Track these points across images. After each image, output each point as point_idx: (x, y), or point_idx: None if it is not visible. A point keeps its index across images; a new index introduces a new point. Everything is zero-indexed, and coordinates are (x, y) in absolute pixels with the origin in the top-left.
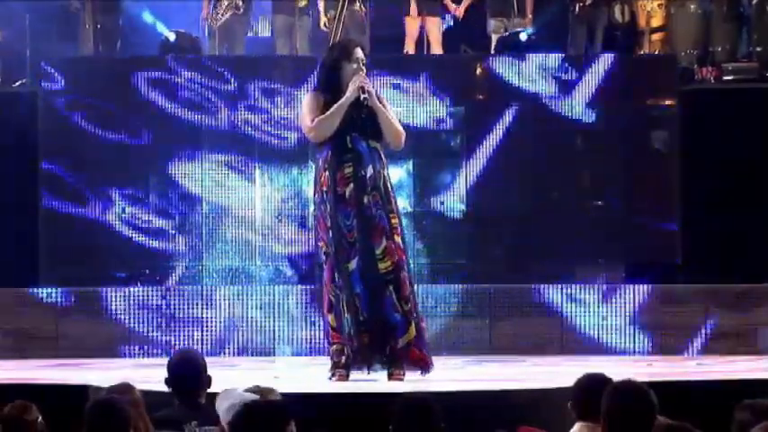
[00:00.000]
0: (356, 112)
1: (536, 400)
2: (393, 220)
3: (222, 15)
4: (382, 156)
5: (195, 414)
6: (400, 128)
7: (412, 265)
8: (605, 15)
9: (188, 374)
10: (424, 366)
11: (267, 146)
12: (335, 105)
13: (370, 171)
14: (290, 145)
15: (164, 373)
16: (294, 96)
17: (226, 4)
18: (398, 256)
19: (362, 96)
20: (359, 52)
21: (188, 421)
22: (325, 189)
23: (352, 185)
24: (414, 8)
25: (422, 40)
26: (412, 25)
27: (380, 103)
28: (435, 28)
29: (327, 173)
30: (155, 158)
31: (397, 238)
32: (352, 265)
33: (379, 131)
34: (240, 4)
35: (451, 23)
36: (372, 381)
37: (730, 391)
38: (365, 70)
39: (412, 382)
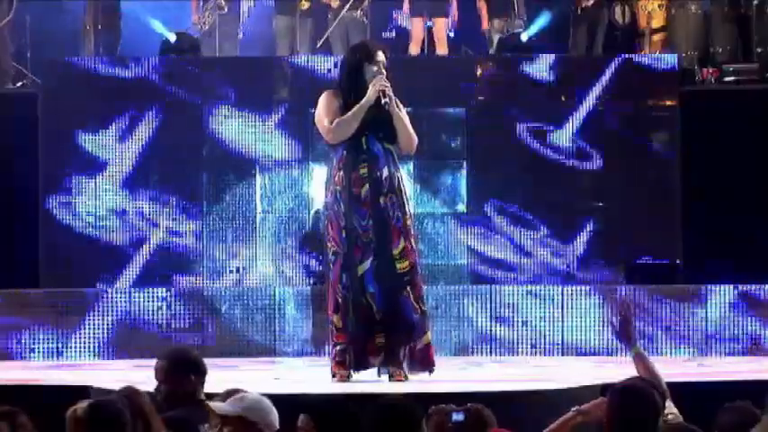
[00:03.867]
0: (373, 114)
1: (536, 401)
2: (408, 222)
3: (208, 18)
4: (396, 158)
5: (203, 415)
6: (414, 133)
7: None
8: (606, 16)
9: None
10: (433, 366)
11: (268, 145)
12: (355, 108)
13: (385, 172)
14: (290, 145)
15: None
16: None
17: (210, 6)
18: (413, 257)
19: (383, 101)
20: (380, 55)
21: (202, 423)
22: (339, 189)
23: (367, 186)
24: (406, 6)
25: (424, 42)
26: (417, 27)
27: (396, 106)
28: (441, 29)
29: (342, 173)
30: (155, 158)
31: (412, 240)
32: (366, 265)
33: (394, 134)
34: (223, 3)
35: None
36: (373, 382)
37: (731, 391)
38: (385, 73)
39: (413, 383)
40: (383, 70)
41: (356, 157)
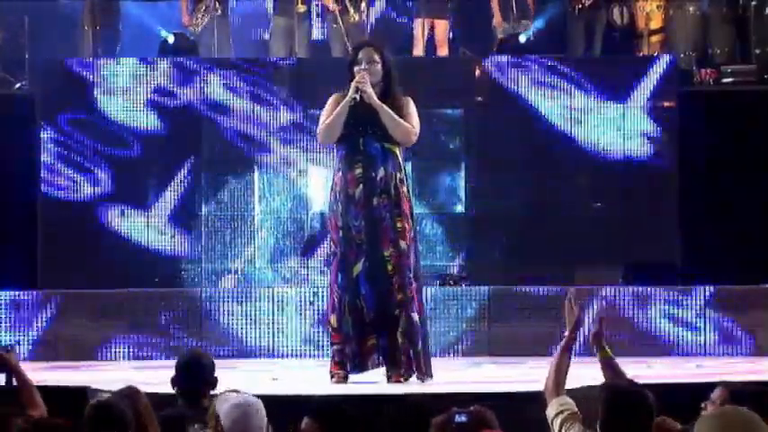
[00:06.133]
0: (368, 113)
1: (535, 401)
2: (398, 224)
3: (201, 20)
4: (398, 159)
5: (199, 415)
6: (406, 124)
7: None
8: (604, 17)
9: (194, 374)
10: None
11: (266, 146)
12: (338, 108)
13: (381, 173)
14: (289, 146)
15: (163, 375)
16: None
17: (203, 8)
18: (400, 260)
19: (351, 97)
20: (362, 53)
21: (192, 423)
22: (338, 189)
23: (361, 186)
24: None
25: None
26: (419, 28)
27: (401, 103)
28: (442, 30)
29: (340, 173)
30: (155, 160)
31: (402, 243)
32: (359, 266)
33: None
34: (217, 5)
35: None
36: (372, 383)
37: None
38: (369, 69)
39: (412, 384)
40: (366, 67)
41: (353, 157)
